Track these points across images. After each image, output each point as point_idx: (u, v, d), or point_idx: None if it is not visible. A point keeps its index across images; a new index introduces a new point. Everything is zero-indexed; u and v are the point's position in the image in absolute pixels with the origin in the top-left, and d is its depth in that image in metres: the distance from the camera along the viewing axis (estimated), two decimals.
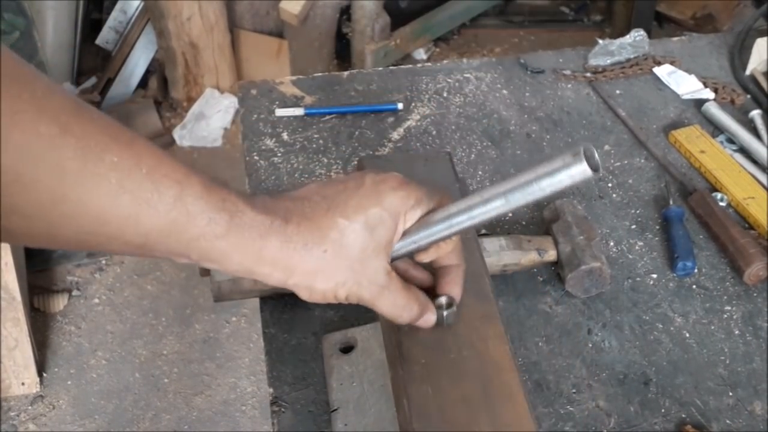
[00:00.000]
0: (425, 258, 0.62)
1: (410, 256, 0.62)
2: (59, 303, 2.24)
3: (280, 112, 1.19)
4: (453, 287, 0.64)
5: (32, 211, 0.45)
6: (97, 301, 2.29)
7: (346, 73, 1.29)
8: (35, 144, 0.43)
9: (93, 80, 2.95)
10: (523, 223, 1.02)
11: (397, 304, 0.60)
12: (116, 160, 0.47)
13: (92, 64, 3.01)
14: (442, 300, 0.64)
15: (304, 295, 0.58)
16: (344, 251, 0.57)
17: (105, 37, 2.96)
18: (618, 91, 1.25)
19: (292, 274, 0.56)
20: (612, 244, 1.00)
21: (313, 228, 0.56)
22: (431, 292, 0.64)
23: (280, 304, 0.90)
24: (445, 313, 0.64)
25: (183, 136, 2.82)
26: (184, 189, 0.50)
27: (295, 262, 0.55)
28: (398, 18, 2.90)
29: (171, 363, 2.14)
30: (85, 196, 0.46)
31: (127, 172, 0.47)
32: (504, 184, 0.56)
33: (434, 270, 0.65)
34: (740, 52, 1.32)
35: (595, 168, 0.52)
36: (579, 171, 0.52)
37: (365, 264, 0.58)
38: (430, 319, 0.63)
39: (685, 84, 1.25)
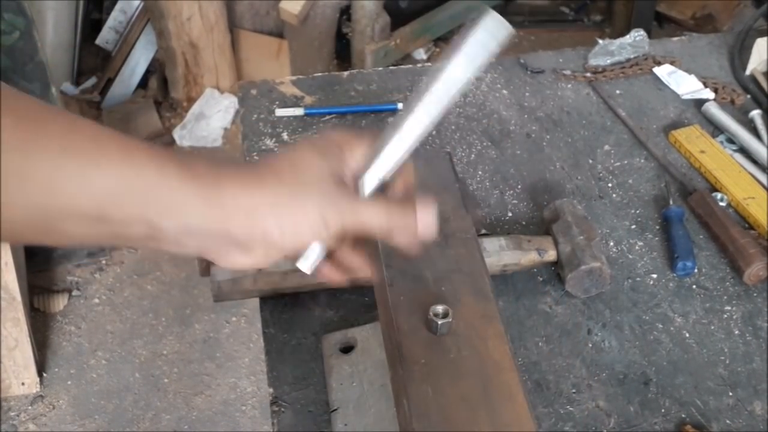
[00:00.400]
0: (400, 184, 0.62)
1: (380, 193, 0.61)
2: (59, 303, 2.24)
3: (280, 112, 1.19)
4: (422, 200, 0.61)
5: None
6: (97, 301, 2.29)
7: (346, 73, 1.29)
8: None
9: (93, 80, 2.96)
10: (523, 223, 1.02)
11: (385, 213, 0.58)
12: (57, 128, 0.47)
13: (92, 64, 3.01)
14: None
15: (276, 235, 0.54)
16: (304, 179, 0.55)
17: (105, 37, 2.96)
18: (618, 91, 1.25)
19: (258, 215, 0.53)
20: (612, 244, 1.00)
21: (268, 169, 0.55)
22: None
23: (280, 304, 0.90)
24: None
25: (183, 136, 2.82)
26: (128, 148, 0.50)
27: (257, 200, 0.53)
28: (398, 18, 2.90)
29: (171, 363, 2.14)
30: (27, 166, 0.46)
31: (67, 136, 0.48)
32: (422, 81, 0.57)
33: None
34: (740, 52, 1.32)
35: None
36: (493, 23, 0.52)
37: (329, 186, 0.56)
38: (426, 218, 0.58)
39: (685, 84, 1.25)
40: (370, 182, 0.59)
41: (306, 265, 0.59)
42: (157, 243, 0.52)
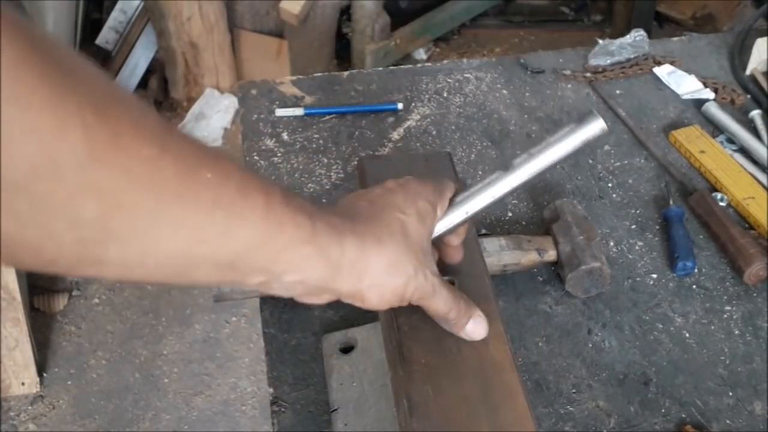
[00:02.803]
0: (456, 240, 0.67)
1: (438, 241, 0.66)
2: (59, 303, 2.24)
3: (280, 112, 1.19)
4: (455, 255, 0.68)
5: (129, 235, 0.43)
6: (97, 301, 2.29)
7: (346, 73, 1.29)
8: (138, 167, 0.42)
9: None
10: (523, 223, 1.02)
11: (453, 300, 0.62)
12: (210, 177, 0.46)
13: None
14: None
15: (374, 298, 0.57)
16: (409, 242, 0.58)
17: (105, 37, 2.95)
18: (618, 91, 1.25)
19: (366, 275, 0.56)
20: (612, 244, 1.00)
21: (380, 224, 0.57)
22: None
23: (280, 304, 0.90)
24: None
25: None
26: (270, 199, 0.50)
27: (371, 259, 0.56)
28: (398, 18, 2.90)
29: (171, 363, 2.14)
30: (181, 214, 0.45)
31: (220, 188, 0.47)
32: (521, 155, 0.62)
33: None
34: (740, 52, 1.32)
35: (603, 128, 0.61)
36: (595, 126, 0.61)
37: (425, 254, 0.59)
38: (480, 323, 0.64)
39: (685, 84, 1.25)
40: (438, 230, 0.64)
41: None
42: (267, 288, 0.54)
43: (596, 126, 0.60)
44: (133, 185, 0.42)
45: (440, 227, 0.64)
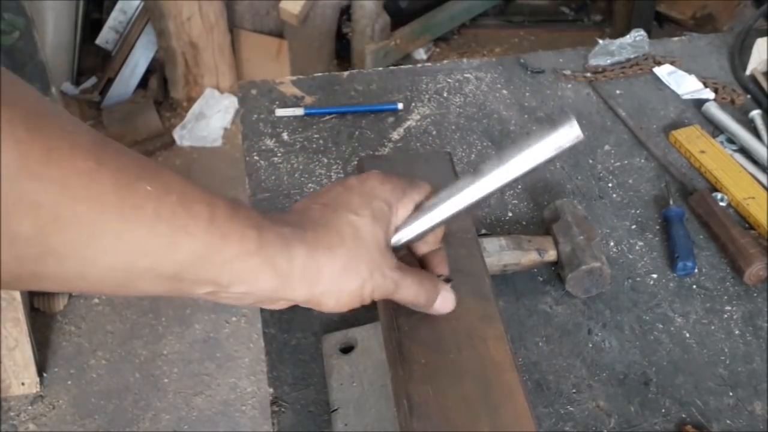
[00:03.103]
0: (425, 248, 0.64)
1: (407, 248, 0.64)
2: (59, 303, 2.24)
3: (280, 112, 1.19)
4: (442, 268, 0.66)
5: (68, 249, 0.43)
6: (97, 301, 2.29)
7: (346, 73, 1.29)
8: (73, 180, 0.42)
9: (93, 80, 2.96)
10: (523, 223, 1.02)
11: (417, 286, 0.61)
12: (150, 189, 0.46)
13: (92, 64, 3.01)
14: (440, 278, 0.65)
15: (330, 303, 0.57)
16: (362, 245, 0.57)
17: (105, 37, 2.96)
18: (618, 91, 1.25)
19: (319, 282, 0.55)
20: (612, 244, 1.00)
21: (330, 230, 0.56)
22: None
23: None
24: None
25: (183, 136, 2.82)
26: (214, 211, 0.49)
27: (322, 267, 0.55)
28: (398, 18, 2.91)
29: (171, 363, 2.14)
30: (122, 228, 0.45)
31: (161, 200, 0.46)
32: (491, 160, 0.58)
33: (419, 259, 0.67)
34: (740, 52, 1.32)
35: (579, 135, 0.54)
36: (569, 133, 0.54)
37: (381, 254, 0.58)
38: (448, 297, 0.63)
39: (685, 84, 1.25)
40: (405, 236, 0.61)
41: None
42: (216, 298, 0.54)
43: (571, 133, 0.54)
44: (69, 199, 0.42)
45: (405, 234, 0.61)
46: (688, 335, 0.89)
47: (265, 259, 0.52)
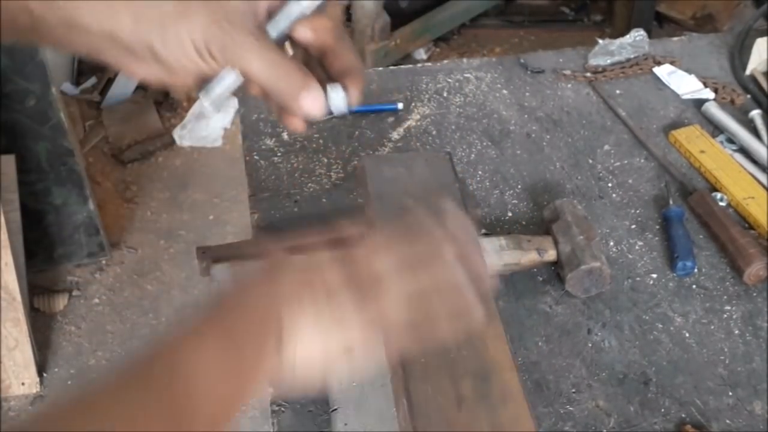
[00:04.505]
0: (303, 33, 0.55)
1: (288, 40, 0.55)
2: (59, 303, 2.24)
3: None
4: (339, 63, 0.56)
5: None
6: (97, 301, 2.29)
7: None
8: None
9: (93, 80, 2.95)
10: (523, 223, 1.02)
11: (275, 68, 0.51)
12: None
13: (92, 64, 3.01)
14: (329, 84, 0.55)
15: (158, 46, 0.49)
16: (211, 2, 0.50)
17: None
18: (618, 91, 1.25)
19: (145, 13, 0.49)
20: (612, 244, 1.00)
21: None
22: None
23: None
24: (330, 92, 0.55)
25: (183, 136, 2.82)
26: None
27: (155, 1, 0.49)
28: (398, 18, 2.90)
29: None
30: None
31: None
32: None
33: (324, 61, 0.57)
34: (740, 52, 1.32)
35: None
36: None
37: (236, 16, 0.50)
38: (316, 96, 0.53)
39: (685, 84, 1.25)
40: (281, 23, 0.53)
41: (207, 97, 0.53)
42: (41, 37, 0.49)
43: None
44: None
45: (279, 18, 0.53)
46: (687, 335, 0.89)
47: None
